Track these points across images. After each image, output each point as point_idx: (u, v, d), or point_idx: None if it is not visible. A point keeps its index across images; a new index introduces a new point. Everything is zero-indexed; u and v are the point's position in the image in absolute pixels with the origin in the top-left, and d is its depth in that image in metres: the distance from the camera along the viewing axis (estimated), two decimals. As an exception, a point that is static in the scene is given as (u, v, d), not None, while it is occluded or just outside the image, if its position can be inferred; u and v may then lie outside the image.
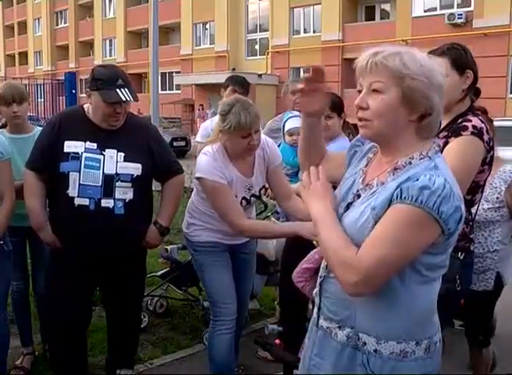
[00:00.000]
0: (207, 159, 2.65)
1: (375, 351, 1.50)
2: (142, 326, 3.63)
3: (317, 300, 1.68)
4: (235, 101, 2.61)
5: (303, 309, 3.29)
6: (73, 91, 3.96)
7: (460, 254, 2.21)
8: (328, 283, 1.61)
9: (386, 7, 22.96)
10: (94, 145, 2.59)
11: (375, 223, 1.43)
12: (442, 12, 19.52)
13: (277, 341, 3.47)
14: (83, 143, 2.58)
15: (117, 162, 2.59)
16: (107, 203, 2.56)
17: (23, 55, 42.92)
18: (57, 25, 39.63)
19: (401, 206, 1.39)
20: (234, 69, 24.24)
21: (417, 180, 1.40)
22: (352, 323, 1.54)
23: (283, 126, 3.44)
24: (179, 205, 2.96)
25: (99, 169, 2.56)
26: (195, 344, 3.61)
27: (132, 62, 32.07)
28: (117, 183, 2.57)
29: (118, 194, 2.58)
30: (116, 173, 2.58)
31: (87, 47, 37.29)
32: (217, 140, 2.71)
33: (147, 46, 28.56)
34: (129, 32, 32.95)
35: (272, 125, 4.13)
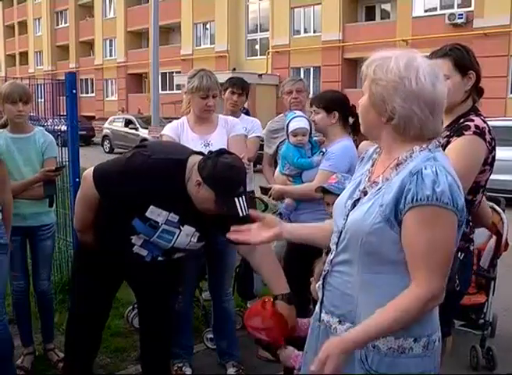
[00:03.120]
0: (169, 124, 3.30)
1: (374, 346, 1.53)
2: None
3: (320, 294, 1.71)
4: (200, 69, 3.16)
5: (303, 309, 3.29)
6: (74, 91, 3.93)
7: (460, 254, 2.21)
8: (332, 276, 1.65)
9: (386, 7, 22.93)
10: (176, 218, 2.36)
11: (384, 220, 1.48)
12: (443, 12, 19.49)
13: (277, 341, 3.46)
14: (167, 213, 2.33)
15: (190, 241, 2.43)
16: (162, 258, 2.49)
17: (24, 55, 42.88)
18: (57, 25, 39.58)
19: (421, 209, 1.43)
20: (235, 69, 24.22)
21: (418, 173, 1.44)
22: (352, 318, 1.57)
23: (287, 126, 3.43)
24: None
25: (170, 242, 2.39)
26: (195, 343, 3.61)
27: (132, 62, 32.05)
28: (179, 252, 2.51)
29: (175, 256, 2.52)
30: (184, 249, 2.47)
31: (88, 47, 37.26)
32: (185, 111, 3.26)
33: (148, 46, 28.54)
34: (129, 32, 32.92)
35: (271, 126, 4.12)
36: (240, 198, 2.22)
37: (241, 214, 2.19)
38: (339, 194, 2.82)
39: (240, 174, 2.29)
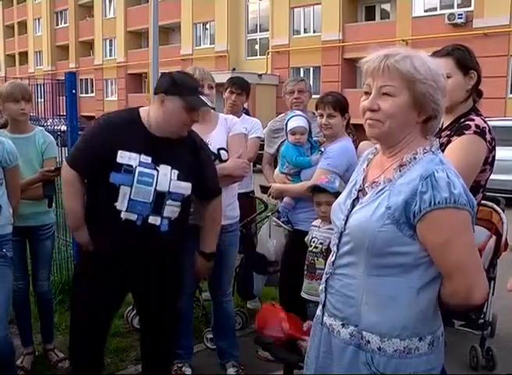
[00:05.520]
0: None
1: (379, 349, 1.52)
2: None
3: (322, 297, 1.69)
4: (195, 67, 3.23)
5: (302, 309, 3.29)
6: (73, 91, 3.93)
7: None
8: (334, 279, 1.63)
9: (386, 7, 22.92)
10: (149, 159, 2.43)
11: (393, 222, 1.47)
12: (443, 12, 19.48)
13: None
14: (137, 155, 2.41)
15: (171, 180, 2.46)
16: (154, 220, 2.45)
17: (23, 55, 42.87)
18: (57, 25, 39.56)
19: (441, 212, 1.43)
20: (234, 69, 24.21)
21: (431, 176, 1.44)
22: (356, 321, 1.56)
23: (286, 125, 3.44)
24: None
25: (152, 185, 2.41)
26: (195, 343, 3.61)
27: (132, 62, 32.04)
28: (167, 202, 2.47)
29: (166, 212, 2.47)
30: (169, 192, 2.46)
31: (87, 47, 37.25)
32: None
33: (148, 46, 28.52)
34: (129, 32, 32.90)
35: (272, 125, 4.12)
36: (204, 97, 2.51)
37: (210, 105, 2.54)
38: (331, 193, 2.85)
39: (192, 77, 2.62)
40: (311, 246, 3.02)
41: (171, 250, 2.61)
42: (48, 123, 4.52)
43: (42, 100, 4.76)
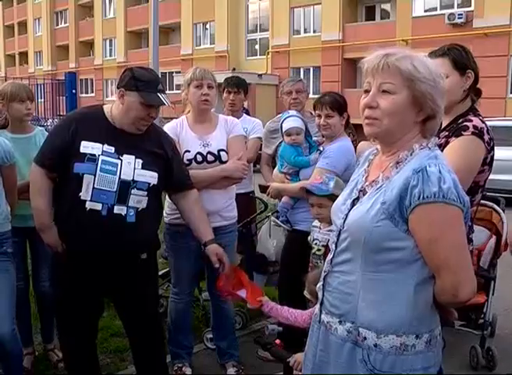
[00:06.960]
0: (168, 124, 3.24)
1: (375, 345, 1.52)
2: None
3: (320, 295, 1.70)
4: (196, 66, 3.22)
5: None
6: (73, 91, 3.95)
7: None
8: (332, 277, 1.64)
9: (386, 7, 22.92)
10: (112, 149, 2.48)
11: (388, 217, 1.48)
12: (443, 12, 19.49)
13: (277, 341, 3.46)
14: (100, 145, 2.47)
15: (135, 168, 2.48)
16: (119, 210, 2.45)
17: (23, 55, 42.87)
18: (57, 25, 39.56)
19: (428, 206, 1.43)
20: (234, 69, 24.21)
21: (423, 170, 1.45)
22: (353, 318, 1.56)
23: (281, 126, 3.45)
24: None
25: (115, 173, 2.44)
26: (195, 344, 3.61)
27: (132, 62, 31.97)
28: (132, 191, 2.47)
29: (132, 202, 2.47)
30: (133, 180, 2.47)
31: (87, 47, 37.24)
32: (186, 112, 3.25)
33: (148, 46, 28.52)
34: (129, 32, 32.91)
35: (270, 126, 4.12)
36: (162, 94, 2.53)
37: (166, 104, 2.51)
38: (321, 196, 2.86)
39: (153, 73, 2.64)
40: (314, 248, 3.02)
41: (139, 243, 2.58)
42: (48, 123, 4.54)
43: (42, 100, 4.77)
